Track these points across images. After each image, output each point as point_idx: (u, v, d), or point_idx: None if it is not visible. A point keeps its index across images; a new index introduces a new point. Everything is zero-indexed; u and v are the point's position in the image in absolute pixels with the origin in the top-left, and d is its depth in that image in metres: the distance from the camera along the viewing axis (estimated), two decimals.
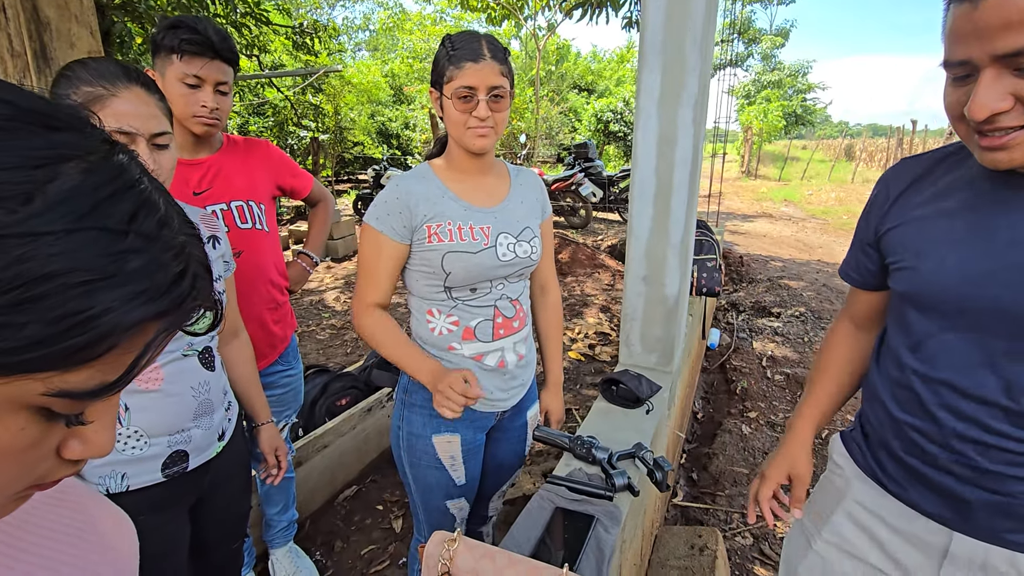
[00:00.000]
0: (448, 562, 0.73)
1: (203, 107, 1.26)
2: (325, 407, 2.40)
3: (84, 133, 0.33)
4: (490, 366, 1.20)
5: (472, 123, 1.07)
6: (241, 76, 8.07)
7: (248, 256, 1.38)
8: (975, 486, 0.76)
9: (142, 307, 0.32)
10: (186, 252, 0.36)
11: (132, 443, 0.97)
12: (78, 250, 0.30)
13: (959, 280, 0.74)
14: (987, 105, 0.61)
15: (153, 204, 0.34)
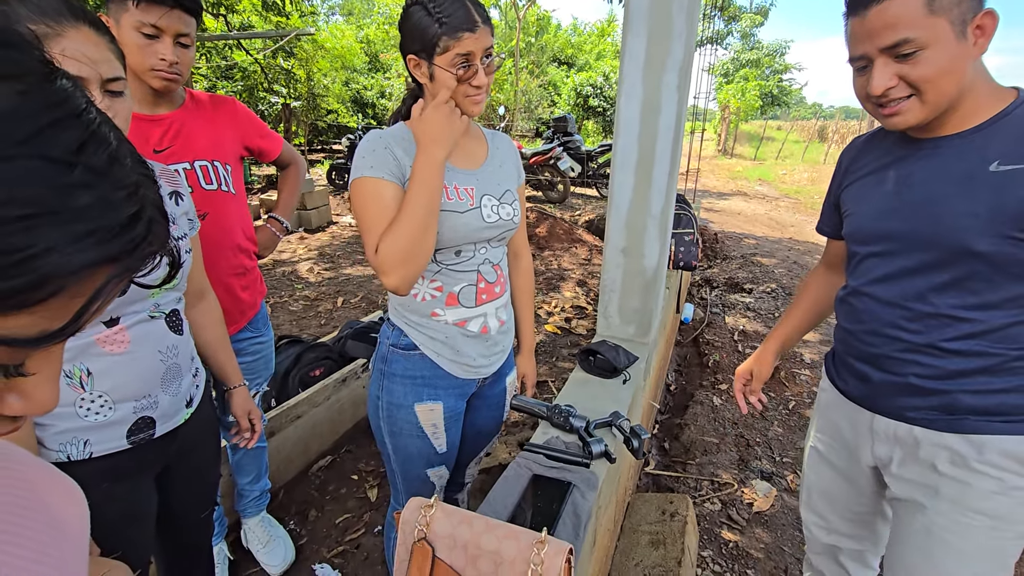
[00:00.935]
0: (425, 528, 0.72)
1: (162, 60, 1.17)
2: (298, 378, 2.36)
3: (21, 50, 0.30)
4: (473, 332, 1.18)
5: (471, 91, 1.03)
6: (207, 36, 7.69)
7: (213, 219, 1.31)
8: (880, 370, 1.01)
9: (91, 249, 0.29)
10: (140, 192, 0.32)
11: (96, 408, 0.93)
12: (16, 180, 0.26)
13: (872, 219, 1.00)
14: (881, 84, 0.86)
15: (103, 137, 0.31)
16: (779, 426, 2.75)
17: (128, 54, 1.15)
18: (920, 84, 0.83)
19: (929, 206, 0.91)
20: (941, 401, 0.95)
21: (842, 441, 1.16)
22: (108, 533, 0.98)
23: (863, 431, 1.08)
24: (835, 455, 1.19)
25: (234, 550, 1.81)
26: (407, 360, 1.15)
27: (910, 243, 0.94)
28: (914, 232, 0.93)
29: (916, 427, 0.98)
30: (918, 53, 0.81)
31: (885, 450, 1.05)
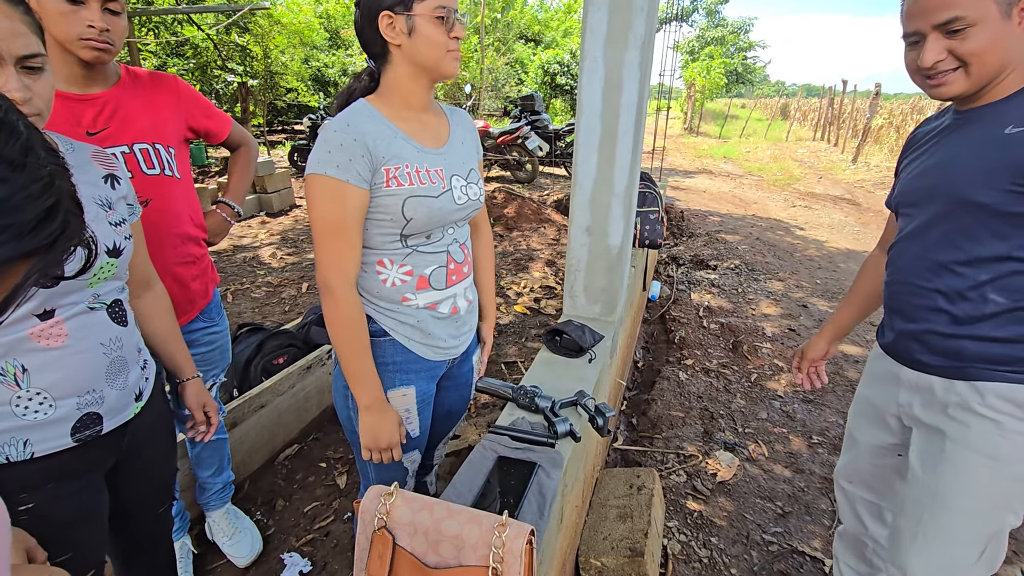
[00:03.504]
0: (385, 516, 0.70)
1: (90, 27, 1.08)
2: (261, 366, 2.30)
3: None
4: (444, 314, 1.16)
5: (451, 45, 1.01)
6: (155, 10, 7.28)
7: (157, 205, 1.24)
8: (904, 319, 1.12)
9: (7, 245, 0.27)
10: (55, 185, 0.30)
11: (35, 407, 0.88)
12: None
13: (908, 182, 1.12)
14: (932, 57, 0.96)
15: (12, 127, 0.28)
16: (741, 398, 2.83)
17: (50, 23, 1.07)
18: (967, 58, 0.93)
19: (946, 166, 1.02)
20: (951, 347, 1.05)
21: (877, 391, 1.26)
22: (56, 535, 0.94)
23: (892, 380, 1.20)
24: (870, 406, 1.29)
25: (199, 544, 1.78)
26: (377, 347, 1.12)
27: (928, 199, 1.06)
28: (930, 188, 1.05)
29: (932, 375, 1.08)
30: (967, 30, 0.91)
31: (907, 397, 1.16)
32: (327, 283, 1.02)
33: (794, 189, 9.15)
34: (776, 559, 1.85)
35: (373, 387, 1.07)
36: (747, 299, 4.15)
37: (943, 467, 1.07)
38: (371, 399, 1.07)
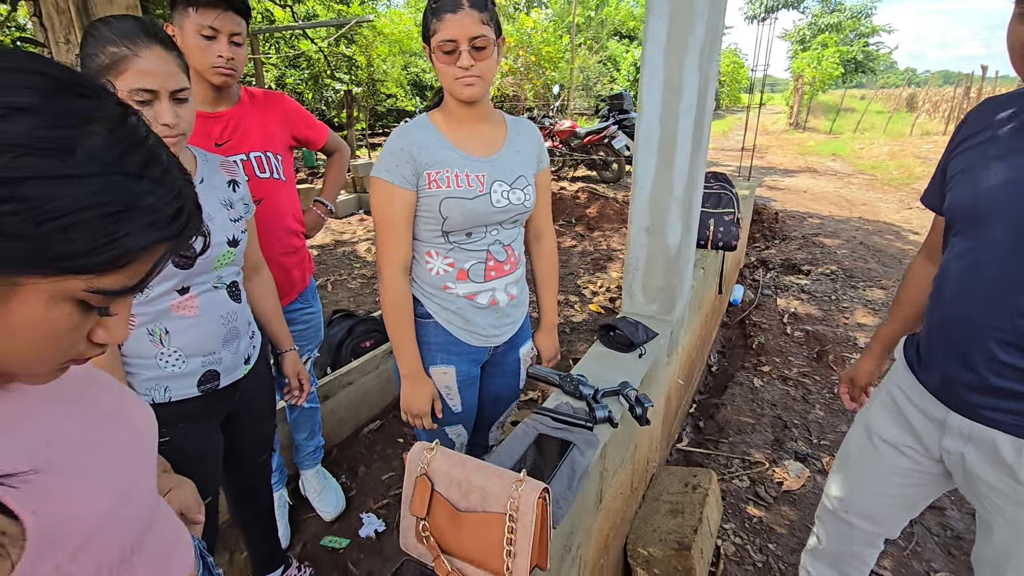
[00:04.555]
0: (426, 466, 0.84)
1: (219, 57, 1.33)
2: (350, 348, 2.57)
3: (104, 99, 0.43)
4: (482, 304, 1.30)
5: (458, 73, 1.12)
6: (275, 28, 8.10)
7: (267, 204, 1.48)
8: (962, 364, 0.95)
9: (152, 233, 0.43)
10: (183, 193, 0.46)
11: (173, 361, 1.12)
12: (108, 190, 0.40)
13: (973, 189, 0.90)
14: None
15: (158, 156, 0.44)
16: (821, 409, 2.71)
17: (190, 55, 1.32)
18: None
19: None
20: (1021, 404, 0.89)
21: (906, 426, 1.12)
22: (184, 466, 1.18)
23: (933, 423, 1.05)
24: (895, 435, 1.14)
25: (293, 497, 2.05)
26: (422, 327, 1.29)
27: (1012, 222, 0.85)
28: (1011, 206, 0.84)
29: (995, 430, 0.94)
30: None
31: (955, 445, 1.01)
32: (379, 269, 1.23)
33: (912, 189, 8.31)
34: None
35: (412, 360, 1.25)
36: (840, 307, 3.90)
37: (1021, 533, 0.95)
38: (409, 370, 1.25)
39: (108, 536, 0.48)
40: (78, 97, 0.40)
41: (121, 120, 0.42)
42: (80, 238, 0.38)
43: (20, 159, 0.36)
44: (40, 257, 0.38)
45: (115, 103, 0.43)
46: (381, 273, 1.23)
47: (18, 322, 0.40)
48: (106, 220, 0.40)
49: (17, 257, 0.37)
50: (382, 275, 1.23)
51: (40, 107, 0.38)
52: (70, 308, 0.41)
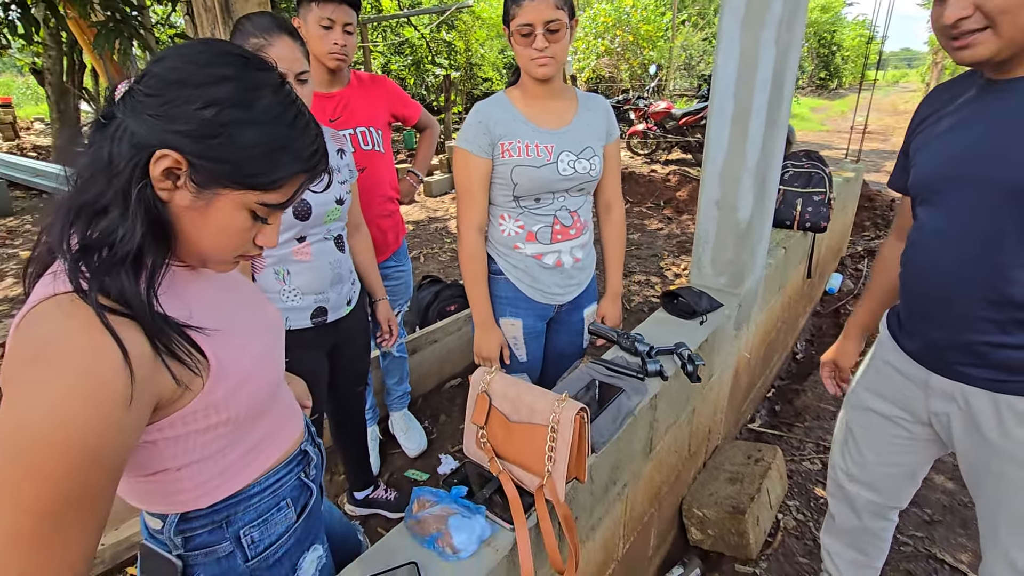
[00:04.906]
0: (486, 385, 1.01)
1: (335, 44, 1.57)
2: (437, 311, 2.82)
3: (270, 72, 0.62)
4: (548, 264, 1.43)
5: (533, 55, 1.25)
6: (383, 16, 8.62)
7: (369, 173, 1.72)
8: (939, 326, 1.02)
9: (299, 164, 0.62)
10: (319, 139, 0.64)
11: (292, 297, 1.37)
12: (273, 132, 0.59)
13: (934, 164, 0.99)
14: (955, 12, 0.84)
15: (304, 111, 0.64)
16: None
17: (311, 42, 1.56)
18: (996, 15, 0.82)
19: (992, 148, 0.89)
20: (1002, 359, 0.94)
21: (895, 393, 1.17)
22: None
23: (919, 386, 1.10)
24: (885, 405, 1.19)
25: (384, 434, 2.33)
26: (495, 283, 1.45)
27: (961, 187, 0.93)
28: (966, 175, 0.92)
29: (973, 387, 0.99)
30: None
31: (940, 406, 1.06)
32: (459, 228, 1.40)
33: None
34: (907, 559, 1.75)
35: (484, 310, 1.42)
36: None
37: (1006, 485, 0.99)
38: (481, 319, 1.42)
39: (256, 382, 0.69)
40: (256, 71, 0.60)
41: (280, 86, 0.61)
42: (257, 163, 0.58)
43: (225, 111, 0.56)
44: (234, 175, 0.58)
45: (277, 75, 0.62)
46: (460, 232, 1.40)
47: (214, 222, 0.60)
48: (272, 153, 0.59)
49: (221, 175, 0.58)
50: (460, 233, 1.40)
51: (235, 76, 0.57)
52: (245, 215, 0.61)
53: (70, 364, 0.51)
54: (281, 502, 0.77)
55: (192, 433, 0.63)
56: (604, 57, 11.66)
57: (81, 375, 0.51)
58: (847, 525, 1.38)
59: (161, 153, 0.55)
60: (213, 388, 0.63)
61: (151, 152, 0.55)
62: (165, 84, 0.56)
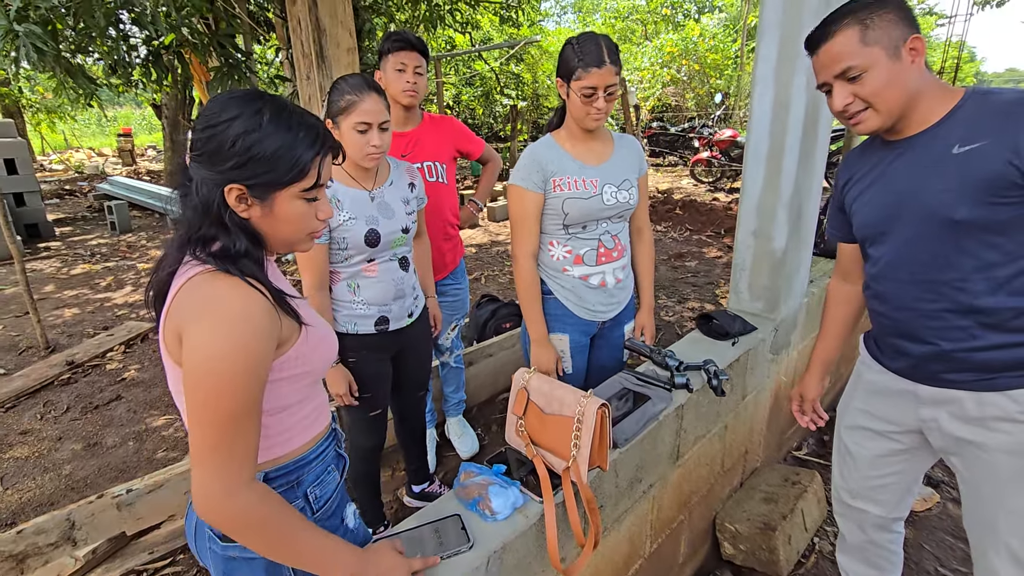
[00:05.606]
0: (526, 383, 1.20)
1: (407, 83, 1.86)
2: (493, 327, 3.04)
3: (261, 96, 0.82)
4: (594, 285, 1.61)
5: (592, 112, 1.45)
6: (455, 53, 9.19)
7: (432, 201, 1.97)
8: (915, 341, 1.16)
9: (311, 150, 0.83)
10: (315, 125, 0.85)
11: (360, 307, 1.62)
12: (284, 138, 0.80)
13: (873, 211, 1.17)
14: (840, 102, 1.08)
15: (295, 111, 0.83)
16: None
17: (388, 85, 1.86)
18: (869, 98, 1.05)
19: (913, 191, 1.09)
20: (976, 361, 1.08)
21: (884, 409, 1.28)
22: (364, 382, 1.68)
23: (908, 399, 1.22)
24: (875, 421, 1.30)
25: (440, 437, 2.55)
26: (545, 302, 1.64)
27: (898, 226, 1.12)
28: (898, 215, 1.12)
29: (957, 390, 1.11)
30: (862, 75, 1.03)
31: (930, 412, 1.18)
32: (514, 255, 1.59)
33: None
34: None
35: (539, 328, 1.59)
36: None
37: (1000, 477, 1.09)
38: (538, 335, 1.60)
39: (326, 345, 0.92)
40: (253, 101, 0.81)
41: (272, 101, 0.82)
42: (284, 164, 0.80)
43: (244, 140, 0.78)
44: (275, 180, 0.80)
45: (267, 96, 0.83)
46: (516, 258, 1.60)
47: (281, 217, 0.83)
48: (289, 152, 0.80)
49: (267, 184, 0.80)
50: (516, 260, 1.60)
51: (239, 113, 0.78)
52: (299, 203, 0.84)
53: (235, 309, 0.75)
54: (328, 467, 0.99)
55: (283, 380, 0.85)
56: (670, 86, 11.75)
57: (245, 315, 0.75)
58: (856, 541, 1.46)
59: (227, 188, 0.79)
60: (304, 340, 0.86)
61: (221, 191, 0.79)
62: (204, 142, 0.80)
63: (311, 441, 0.96)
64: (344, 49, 3.73)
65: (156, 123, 19.34)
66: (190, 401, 0.74)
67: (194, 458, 0.75)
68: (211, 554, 0.91)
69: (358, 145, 1.48)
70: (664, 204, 7.47)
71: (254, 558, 0.88)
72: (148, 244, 6.56)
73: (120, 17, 3.96)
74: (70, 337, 3.99)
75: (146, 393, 3.22)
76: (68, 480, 2.48)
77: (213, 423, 0.73)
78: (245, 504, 0.75)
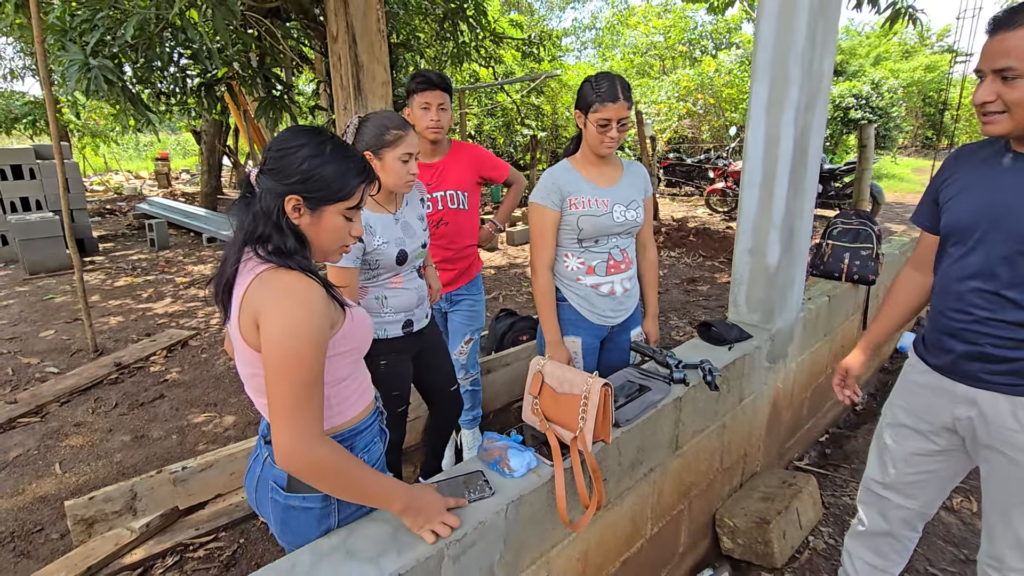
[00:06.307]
0: (541, 368, 1.40)
1: (432, 120, 2.08)
2: (511, 339, 3.24)
3: (322, 132, 1.07)
4: (604, 293, 1.82)
5: (606, 141, 1.68)
6: (479, 85, 9.63)
7: (452, 225, 2.21)
8: (961, 341, 1.25)
9: (357, 177, 1.07)
10: (360, 159, 1.08)
11: (389, 314, 1.82)
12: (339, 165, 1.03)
13: (965, 212, 1.23)
14: (981, 97, 1.11)
15: (347, 147, 1.07)
16: None
17: (415, 121, 2.10)
18: (1012, 105, 1.07)
19: (1014, 207, 1.15)
20: (1011, 367, 1.18)
21: (924, 407, 1.38)
22: (391, 379, 1.87)
23: (945, 396, 1.32)
24: (914, 419, 1.41)
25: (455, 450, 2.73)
26: (560, 308, 1.84)
27: (994, 237, 1.18)
28: (999, 228, 1.18)
29: (992, 391, 1.23)
30: (1017, 80, 1.05)
31: (964, 411, 1.28)
32: (533, 266, 1.80)
33: None
34: None
35: (554, 331, 1.80)
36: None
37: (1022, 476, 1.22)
38: (553, 337, 1.80)
39: (367, 325, 1.12)
40: (318, 134, 1.03)
41: (331, 138, 1.05)
42: (336, 185, 1.01)
43: (309, 162, 1.00)
44: (327, 197, 1.01)
45: (328, 134, 1.05)
46: (534, 269, 1.82)
47: (325, 228, 1.04)
48: (342, 176, 1.02)
49: (321, 200, 1.01)
50: (535, 269, 1.82)
51: (307, 141, 1.01)
52: (340, 219, 1.05)
53: (302, 294, 0.95)
54: (375, 438, 1.19)
55: (336, 356, 1.05)
56: (686, 119, 12.08)
57: (310, 299, 0.95)
58: (875, 530, 1.56)
59: (287, 198, 1.00)
60: (349, 321, 1.06)
61: (283, 199, 1.00)
62: (275, 160, 1.02)
63: (362, 413, 1.16)
64: (379, 83, 4.06)
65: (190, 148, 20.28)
66: (272, 373, 0.92)
67: (278, 419, 0.91)
68: (272, 503, 1.10)
69: (400, 173, 1.68)
70: (679, 231, 7.67)
71: (310, 507, 1.07)
72: (184, 260, 6.94)
73: (178, 52, 4.37)
74: (116, 342, 4.29)
75: (187, 393, 3.46)
76: (119, 467, 2.71)
77: (294, 386, 0.91)
78: (322, 452, 0.93)
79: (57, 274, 6.17)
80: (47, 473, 2.66)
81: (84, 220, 7.24)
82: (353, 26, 3.82)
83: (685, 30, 16.94)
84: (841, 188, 8.38)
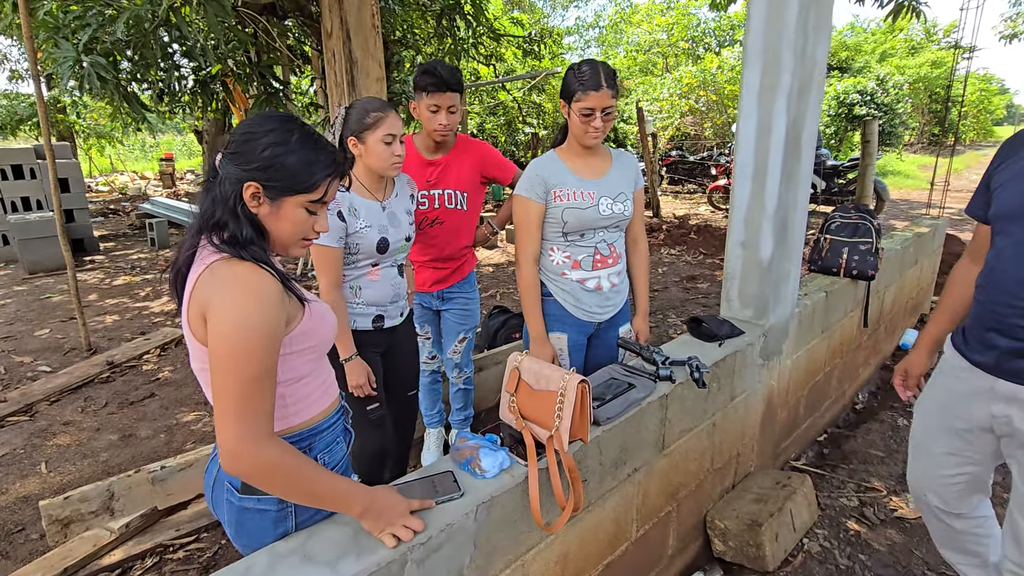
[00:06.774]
0: (518, 364, 1.35)
1: (440, 124, 2.00)
2: (504, 336, 3.19)
3: (294, 119, 1.01)
4: (590, 288, 1.76)
5: (590, 131, 1.62)
6: (481, 83, 9.58)
7: (448, 225, 2.15)
8: (1006, 336, 1.20)
9: (326, 169, 1.01)
10: (332, 150, 1.03)
11: (361, 307, 1.77)
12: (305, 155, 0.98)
13: (1016, 199, 1.18)
14: None
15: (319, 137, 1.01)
16: None
17: (424, 122, 2.04)
18: None
19: None
20: None
21: (960, 408, 1.33)
22: None
23: (983, 394, 1.26)
24: (950, 417, 1.36)
25: (445, 447, 2.68)
26: (545, 303, 1.79)
27: None
28: None
29: None
30: None
31: (1002, 409, 1.23)
32: (518, 259, 1.75)
33: None
34: None
35: (538, 326, 1.75)
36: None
37: None
38: (537, 333, 1.75)
39: (327, 323, 1.07)
40: (287, 120, 0.99)
41: (302, 126, 0.99)
42: (300, 176, 0.96)
43: (273, 149, 0.95)
44: (288, 187, 0.96)
45: (299, 123, 1.00)
46: (519, 262, 1.77)
47: (285, 220, 0.99)
48: (307, 167, 0.96)
49: (281, 189, 0.96)
50: (519, 263, 1.77)
51: (275, 127, 0.96)
52: (302, 212, 0.99)
53: (254, 286, 0.90)
54: (337, 438, 1.14)
55: (294, 354, 1.00)
56: (688, 116, 11.98)
57: (262, 291, 0.90)
58: (938, 532, 1.53)
59: (246, 184, 0.95)
60: (308, 318, 1.01)
61: (242, 185, 0.95)
62: (240, 143, 0.97)
63: (323, 412, 1.11)
64: (373, 79, 4.03)
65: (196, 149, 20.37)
66: (219, 367, 0.86)
67: (223, 417, 0.86)
68: (227, 504, 1.05)
69: (384, 156, 1.64)
70: (679, 228, 7.60)
71: (265, 510, 1.02)
72: None
73: (172, 49, 4.35)
74: (110, 340, 4.27)
75: (177, 392, 3.43)
76: (104, 466, 2.68)
77: (240, 383, 0.86)
78: (270, 454, 0.87)
79: (55, 273, 6.17)
80: (32, 472, 2.63)
81: (85, 220, 7.25)
82: (347, 22, 3.79)
83: (688, 27, 16.83)
84: (845, 184, 8.28)
